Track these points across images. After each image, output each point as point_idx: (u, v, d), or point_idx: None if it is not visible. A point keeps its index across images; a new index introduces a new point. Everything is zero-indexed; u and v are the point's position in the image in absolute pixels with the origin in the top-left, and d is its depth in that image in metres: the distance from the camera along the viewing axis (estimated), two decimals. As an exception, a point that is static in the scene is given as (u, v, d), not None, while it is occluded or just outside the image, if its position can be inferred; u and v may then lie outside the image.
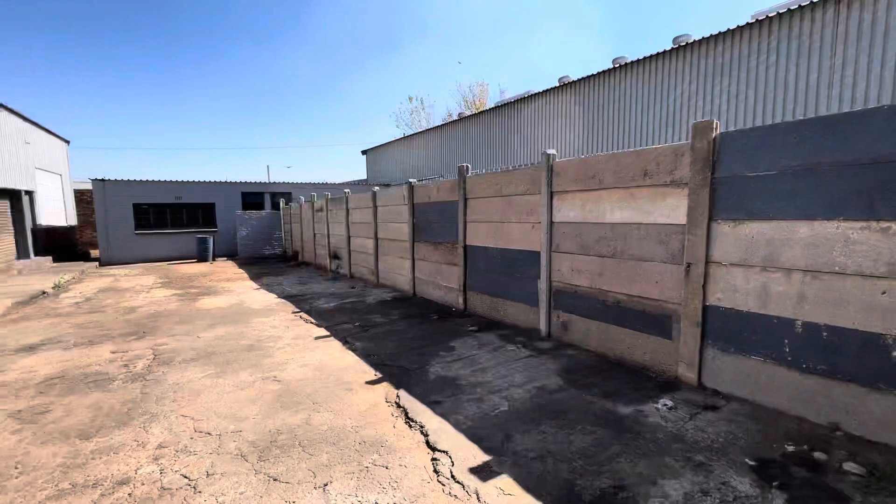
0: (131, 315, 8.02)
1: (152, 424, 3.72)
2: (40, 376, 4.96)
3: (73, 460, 3.20)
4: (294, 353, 5.54)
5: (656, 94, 12.37)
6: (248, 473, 2.97)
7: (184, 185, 18.85)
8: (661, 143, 12.01)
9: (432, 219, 8.25)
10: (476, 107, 35.96)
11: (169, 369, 5.06)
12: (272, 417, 3.78)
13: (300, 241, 16.58)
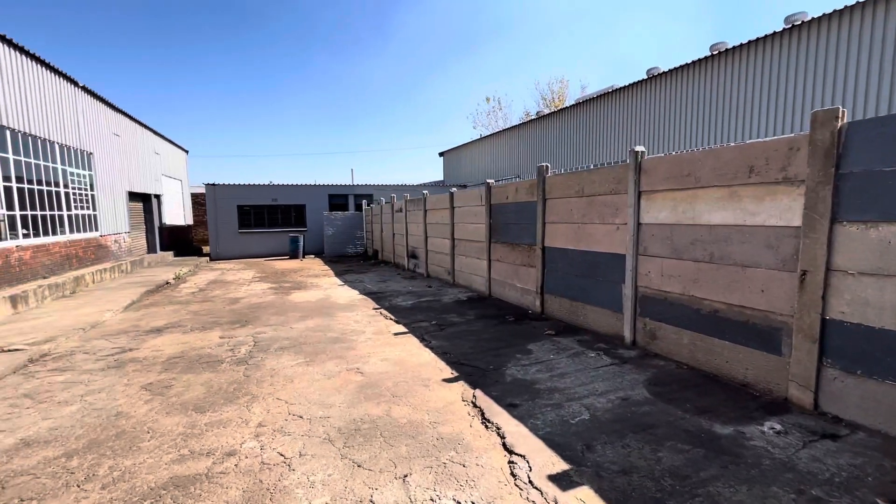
0: (235, 305, 8.95)
1: (253, 405, 4.12)
2: (165, 355, 5.72)
3: (190, 430, 3.65)
4: (375, 347, 5.81)
5: (762, 83, 11.10)
6: (335, 457, 3.17)
7: (279, 188, 20.64)
8: (768, 138, 10.77)
9: (509, 220, 8.17)
10: (555, 105, 35.01)
11: (266, 356, 5.56)
12: (356, 407, 3.99)
13: (380, 240, 17.35)
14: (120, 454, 3.29)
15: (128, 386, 4.67)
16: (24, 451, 3.37)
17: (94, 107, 14.08)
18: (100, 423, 3.83)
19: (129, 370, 5.17)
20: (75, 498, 2.78)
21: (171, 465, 3.12)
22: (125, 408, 4.12)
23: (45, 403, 4.28)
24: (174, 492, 2.82)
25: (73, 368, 5.30)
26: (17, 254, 9.65)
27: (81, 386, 4.71)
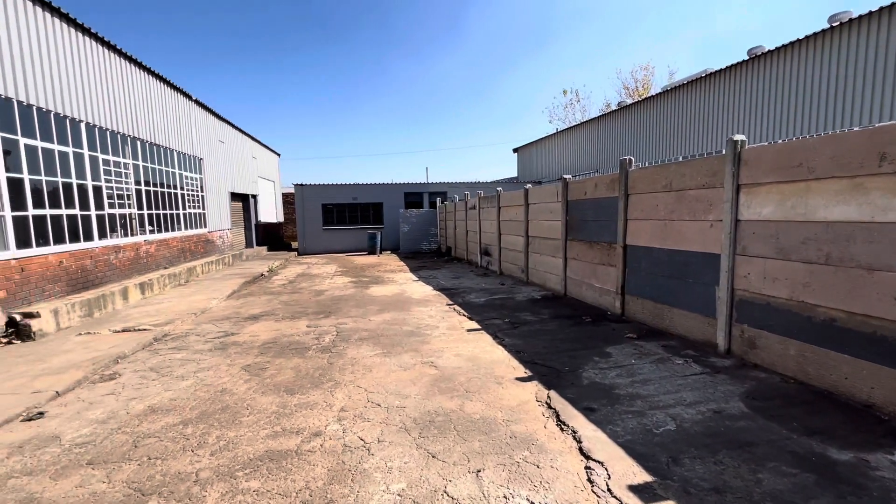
0: (320, 297, 9.60)
1: (336, 390, 4.39)
2: (260, 340, 6.30)
3: (282, 409, 3.99)
4: (448, 342, 5.91)
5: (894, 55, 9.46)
6: (411, 446, 3.28)
7: (359, 187, 21.74)
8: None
9: (587, 216, 7.85)
10: (639, 94, 32.88)
11: (348, 345, 5.90)
12: (430, 399, 4.09)
13: (453, 237, 17.57)
14: (225, 426, 3.70)
15: (230, 366, 5.21)
16: (150, 417, 3.92)
17: (204, 118, 15.87)
18: (208, 397, 4.32)
19: (231, 352, 5.77)
20: (190, 461, 3.18)
21: (267, 440, 3.44)
22: (228, 385, 4.61)
23: (166, 377, 4.93)
24: (269, 464, 3.11)
25: (188, 348, 6.03)
26: (145, 247, 11.19)
27: (194, 364, 5.35)
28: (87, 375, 4.95)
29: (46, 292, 7.51)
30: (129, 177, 10.75)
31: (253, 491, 2.80)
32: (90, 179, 9.08)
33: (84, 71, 8.93)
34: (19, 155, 7.19)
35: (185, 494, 2.79)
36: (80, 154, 8.82)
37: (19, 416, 3.98)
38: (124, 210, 10.47)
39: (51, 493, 2.85)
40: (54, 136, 8.06)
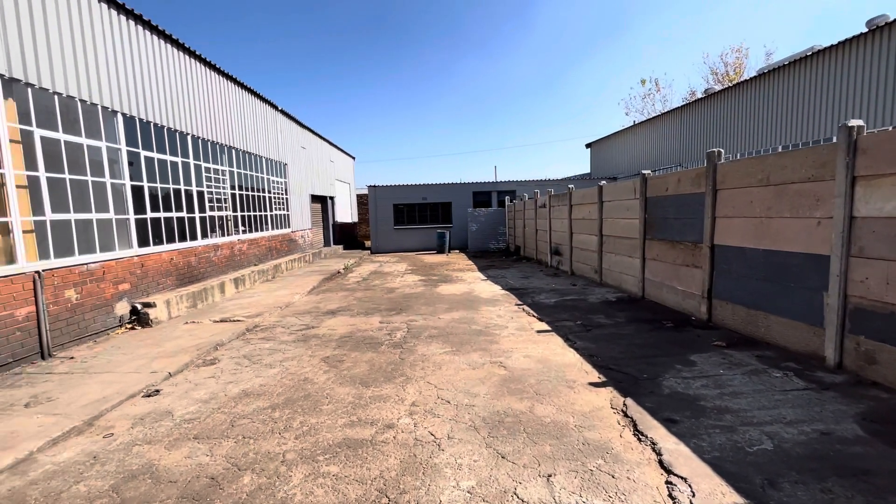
0: (391, 294, 9.95)
1: (407, 385, 4.53)
2: (338, 334, 6.68)
3: (358, 401, 4.20)
4: (517, 343, 5.84)
5: None
6: (480, 445, 3.29)
7: (428, 187, 22.20)
8: None
9: (669, 214, 7.34)
10: (730, 79, 30.05)
11: (418, 342, 6.06)
12: (499, 399, 4.08)
13: (522, 236, 17.32)
14: (307, 412, 3.98)
15: (311, 357, 5.59)
16: (244, 400, 4.32)
17: (288, 126, 17.14)
18: (293, 384, 4.67)
19: (312, 344, 6.18)
20: (278, 442, 3.46)
21: (344, 428, 3.64)
22: (310, 375, 4.94)
23: (256, 364, 5.40)
24: (346, 451, 3.29)
25: (274, 339, 6.56)
26: (238, 245, 12.35)
27: (280, 353, 5.81)
28: (192, 359, 5.58)
29: (160, 285, 8.57)
30: (226, 182, 11.92)
31: (332, 475, 2.99)
32: (194, 185, 10.20)
33: (190, 88, 10.06)
34: (140, 165, 8.27)
35: (274, 473, 3.04)
36: (187, 163, 9.94)
37: (141, 393, 4.59)
38: (222, 212, 11.63)
39: (165, 461, 3.26)
40: (167, 148, 9.17)
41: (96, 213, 7.12)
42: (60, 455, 3.42)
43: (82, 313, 6.54)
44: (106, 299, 7.05)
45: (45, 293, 5.89)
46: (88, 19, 7.00)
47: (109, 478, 3.07)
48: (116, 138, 7.64)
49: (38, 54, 6.04)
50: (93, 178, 7.04)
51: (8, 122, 5.65)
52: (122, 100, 7.71)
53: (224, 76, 11.82)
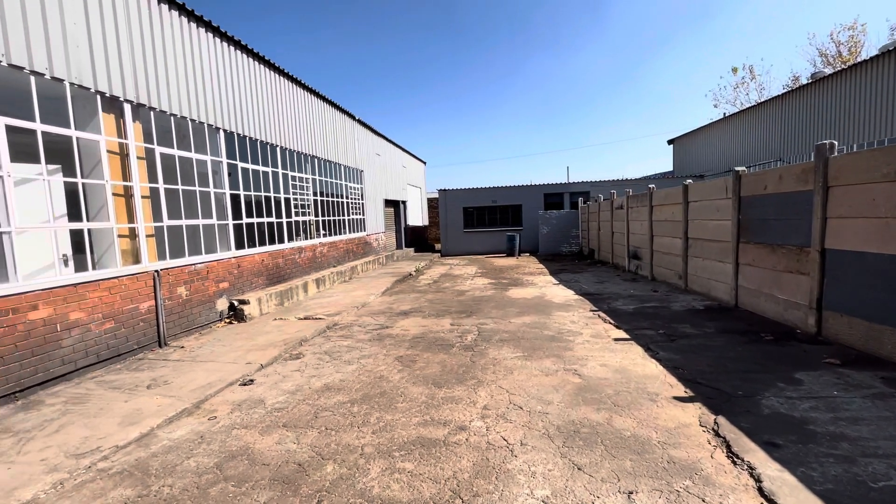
0: (462, 297, 10.03)
1: (479, 388, 4.54)
2: (410, 335, 6.87)
3: (430, 401, 4.29)
4: (593, 350, 5.60)
5: None
6: (555, 454, 3.20)
7: (497, 190, 22.10)
8: None
9: (768, 214, 6.63)
10: (843, 60, 26.46)
11: (489, 345, 6.04)
12: (574, 408, 3.94)
13: (596, 239, 16.60)
14: (383, 409, 4.14)
15: (386, 356, 5.81)
16: (326, 394, 4.60)
17: (364, 134, 18.01)
18: (369, 381, 4.89)
19: (387, 343, 6.42)
20: (356, 436, 3.64)
21: (418, 427, 3.74)
22: (385, 373, 5.14)
23: (336, 361, 5.73)
24: (420, 449, 3.37)
25: (352, 337, 6.91)
26: (320, 248, 13.20)
27: (357, 351, 6.11)
28: (280, 353, 6.06)
29: (253, 284, 9.42)
30: (309, 189, 12.80)
31: (408, 471, 3.08)
32: (282, 193, 11.08)
33: (280, 104, 10.97)
34: (237, 175, 9.17)
35: (354, 464, 3.20)
36: (276, 172, 10.83)
37: (238, 381, 5.07)
38: (305, 217, 12.51)
39: (259, 445, 3.57)
40: (259, 159, 10.07)
41: (202, 219, 8.00)
42: (175, 433, 3.88)
43: (190, 308, 7.38)
44: (209, 296, 7.89)
45: (162, 289, 6.73)
46: (198, 47, 7.92)
47: (214, 456, 3.43)
48: (219, 152, 8.54)
49: (158, 82, 6.94)
50: (200, 188, 7.94)
51: (136, 141, 6.55)
52: (223, 118, 8.60)
53: (308, 90, 12.72)
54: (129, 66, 6.38)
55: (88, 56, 5.74)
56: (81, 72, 5.64)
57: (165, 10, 7.15)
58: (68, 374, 5.25)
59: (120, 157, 6.34)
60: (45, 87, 5.41)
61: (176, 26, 7.38)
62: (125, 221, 6.36)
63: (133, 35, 6.48)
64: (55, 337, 5.13)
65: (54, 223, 5.49)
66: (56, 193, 5.70)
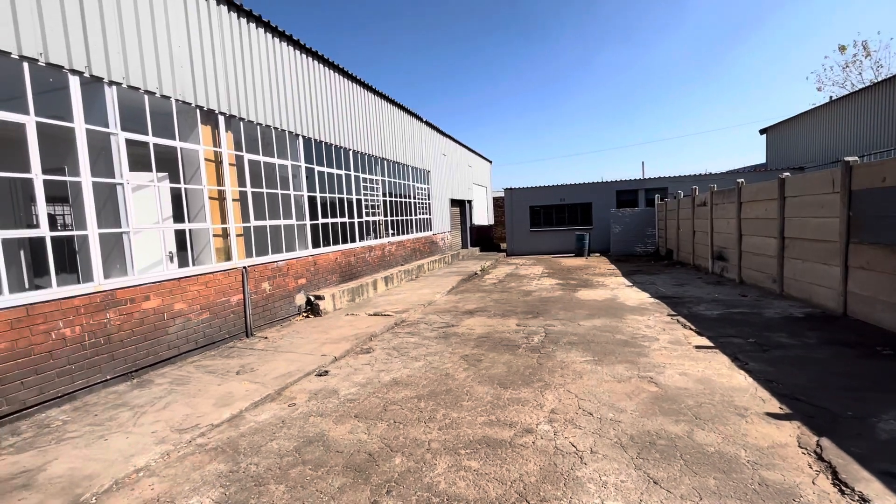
0: (528, 297, 9.86)
1: (546, 392, 4.43)
2: (475, 334, 6.88)
3: (496, 401, 4.26)
4: (671, 358, 5.24)
5: None
6: (628, 465, 3.04)
7: (566, 188, 21.42)
8: None
9: (887, 211, 5.77)
10: None
11: (556, 348, 5.88)
12: (650, 418, 3.71)
13: (675, 238, 15.49)
14: (449, 406, 4.18)
15: (452, 354, 5.87)
16: (394, 388, 4.75)
17: (430, 135, 18.34)
18: (436, 378, 4.97)
19: (452, 342, 6.48)
20: (423, 431, 3.72)
21: (483, 427, 3.73)
22: (451, 371, 5.19)
23: (404, 357, 5.89)
24: (486, 448, 3.36)
25: (419, 334, 7.07)
26: (388, 247, 13.66)
27: (423, 348, 6.24)
28: (352, 347, 6.36)
29: (327, 281, 9.98)
30: (378, 190, 13.30)
31: (473, 470, 3.08)
32: (354, 194, 11.62)
33: (352, 109, 11.51)
34: (314, 178, 9.77)
35: (421, 458, 3.27)
36: (349, 175, 11.38)
37: (314, 372, 5.40)
38: (375, 217, 13.02)
39: (333, 433, 3.77)
40: (333, 163, 10.64)
41: (283, 219, 8.63)
42: (260, 416, 4.23)
43: (273, 302, 7.99)
44: (289, 291, 8.48)
45: (249, 284, 7.35)
46: (280, 60, 8.54)
47: (293, 440, 3.69)
48: (298, 157, 9.14)
49: (246, 94, 7.59)
50: (281, 191, 8.56)
51: (228, 149, 7.22)
52: (301, 124, 9.20)
53: (377, 94, 13.21)
54: (222, 81, 7.04)
55: (190, 74, 6.42)
56: (184, 89, 6.32)
57: (253, 27, 7.80)
58: (172, 358, 5.92)
59: (215, 164, 7.02)
60: (155, 104, 6.12)
61: (262, 42, 8.02)
62: (219, 222, 7.03)
63: (226, 52, 7.14)
64: (163, 324, 5.80)
65: (163, 224, 6.21)
66: (164, 198, 6.45)
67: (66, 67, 4.82)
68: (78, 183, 5.04)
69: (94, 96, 5.27)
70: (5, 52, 4.29)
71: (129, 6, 5.54)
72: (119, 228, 5.47)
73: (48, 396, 4.51)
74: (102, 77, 5.20)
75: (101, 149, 5.46)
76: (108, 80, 5.27)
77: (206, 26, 6.76)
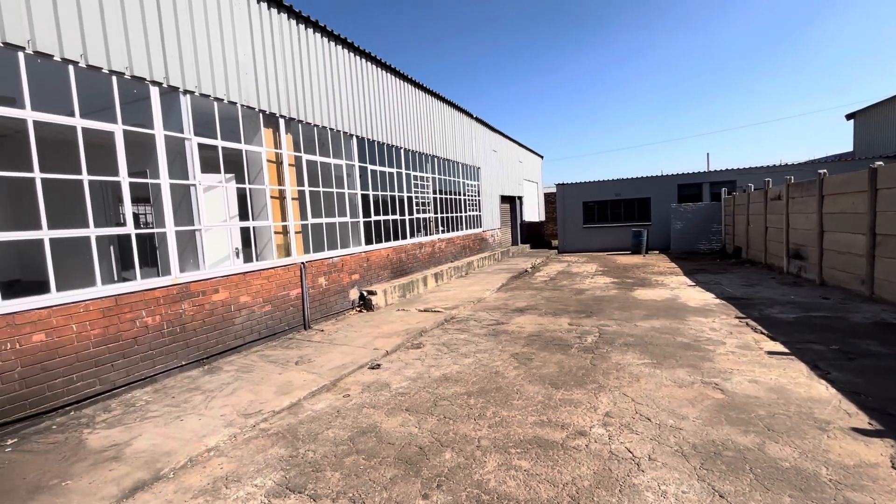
0: (581, 296, 9.56)
1: (600, 394, 4.28)
2: (526, 332, 6.77)
3: (547, 401, 4.17)
4: (739, 363, 4.87)
5: None
6: (690, 475, 2.87)
7: (622, 182, 20.51)
8: None
9: None
10: None
11: (611, 349, 5.66)
12: (714, 427, 3.48)
13: (744, 235, 14.38)
14: (498, 404, 4.15)
15: (501, 352, 5.82)
16: (444, 384, 4.79)
17: (481, 131, 18.24)
18: (485, 375, 4.95)
19: (502, 339, 6.42)
20: (473, 427, 3.72)
21: (534, 427, 3.67)
22: (500, 369, 5.15)
23: (454, 353, 5.92)
24: (537, 449, 3.31)
25: (468, 331, 7.08)
26: (438, 244, 13.78)
27: (473, 345, 6.23)
28: (403, 342, 6.48)
29: (379, 277, 10.24)
30: (429, 188, 13.44)
31: (524, 470, 3.04)
32: (405, 192, 11.82)
33: (403, 107, 11.70)
34: (367, 177, 10.04)
35: (471, 455, 3.28)
36: (400, 173, 11.59)
37: (367, 365, 5.57)
38: (425, 214, 13.17)
39: (385, 426, 3.87)
40: (385, 161, 10.88)
41: (338, 217, 8.95)
42: (316, 405, 4.42)
43: (328, 296, 8.32)
44: (343, 286, 8.79)
45: (306, 279, 7.70)
46: (335, 62, 8.83)
47: (347, 430, 3.82)
48: (352, 156, 9.43)
49: (304, 97, 7.93)
50: (336, 190, 8.88)
51: (288, 151, 7.59)
52: (355, 124, 9.48)
53: (428, 93, 13.32)
54: (283, 86, 7.40)
55: (253, 80, 6.81)
56: (248, 94, 6.71)
57: (311, 32, 8.12)
58: (238, 347, 6.33)
59: (275, 164, 7.41)
60: (223, 110, 6.55)
61: (319, 46, 8.34)
62: (279, 220, 7.41)
63: (286, 58, 7.49)
64: (230, 316, 6.22)
65: (230, 222, 6.65)
66: (231, 197, 6.90)
67: (147, 79, 5.27)
68: (158, 184, 5.51)
69: (170, 105, 5.73)
70: (96, 67, 4.76)
71: (201, 20, 5.96)
72: (192, 226, 5.92)
73: (133, 378, 4.98)
74: (178, 87, 5.64)
75: (176, 153, 5.93)
76: (182, 89, 5.70)
77: (269, 35, 7.13)
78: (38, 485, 3.13)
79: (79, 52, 4.59)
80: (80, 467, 3.34)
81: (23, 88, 4.21)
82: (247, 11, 6.73)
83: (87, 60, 4.66)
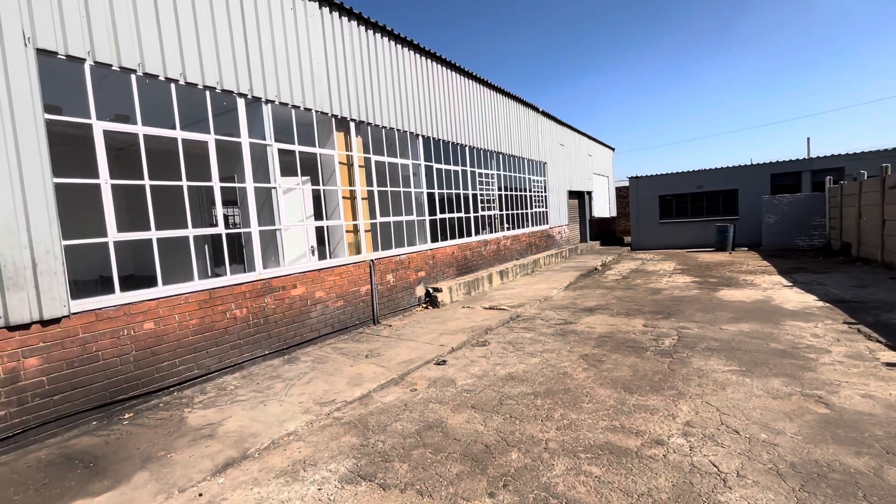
0: (657, 296, 8.97)
1: (679, 401, 3.98)
2: (596, 333, 6.49)
3: (620, 406, 3.96)
4: (849, 375, 4.29)
5: None
6: (787, 497, 2.57)
7: (704, 173, 18.91)
8: None
9: None
10: None
11: (692, 353, 5.25)
12: (818, 446, 3.09)
13: (854, 229, 12.62)
14: (567, 406, 4.02)
15: (570, 353, 5.62)
16: (510, 383, 4.73)
17: (547, 125, 17.75)
18: (553, 376, 4.82)
19: (570, 339, 6.21)
20: (540, 429, 3.63)
21: (605, 432, 3.50)
22: (569, 370, 4.98)
23: (520, 352, 5.83)
24: (609, 456, 3.15)
25: (535, 330, 6.93)
26: (503, 241, 13.64)
27: (540, 344, 6.09)
28: (468, 339, 6.50)
29: (444, 274, 10.36)
30: (493, 185, 13.34)
31: (595, 476, 2.91)
32: (469, 189, 11.83)
33: (467, 105, 11.71)
34: (432, 175, 10.19)
35: (538, 457, 3.20)
36: (465, 171, 11.62)
37: (433, 360, 5.66)
38: (490, 212, 13.10)
39: (450, 421, 3.90)
40: (450, 159, 10.96)
41: (405, 215, 9.18)
42: (385, 398, 4.57)
43: (396, 292, 8.57)
44: (410, 283, 9.01)
45: (375, 276, 8.00)
46: (401, 64, 9.05)
47: (414, 423, 3.91)
48: (418, 155, 9.62)
49: (373, 100, 8.22)
50: (403, 189, 9.11)
51: (358, 153, 7.92)
52: (421, 124, 9.65)
53: (492, 88, 13.21)
54: (353, 90, 7.73)
55: (326, 87, 7.18)
56: (322, 101, 7.08)
57: (378, 37, 8.39)
58: (313, 340, 6.73)
59: (347, 166, 7.76)
60: (299, 116, 6.98)
61: (386, 49, 8.60)
62: (350, 219, 7.76)
63: (356, 63, 7.81)
64: (307, 310, 6.63)
65: (306, 222, 7.08)
66: (307, 198, 7.34)
67: (234, 92, 5.76)
68: (244, 188, 6.01)
69: (254, 114, 6.22)
70: (193, 83, 5.28)
71: (280, 34, 6.39)
72: (273, 226, 6.39)
73: (224, 365, 5.49)
74: (261, 97, 6.10)
75: (259, 158, 6.42)
76: (265, 99, 6.16)
77: (340, 42, 7.47)
78: (148, 455, 3.56)
79: (179, 70, 5.12)
80: (181, 442, 3.75)
81: (135, 106, 4.79)
82: (320, 22, 7.11)
83: (186, 78, 5.19)
